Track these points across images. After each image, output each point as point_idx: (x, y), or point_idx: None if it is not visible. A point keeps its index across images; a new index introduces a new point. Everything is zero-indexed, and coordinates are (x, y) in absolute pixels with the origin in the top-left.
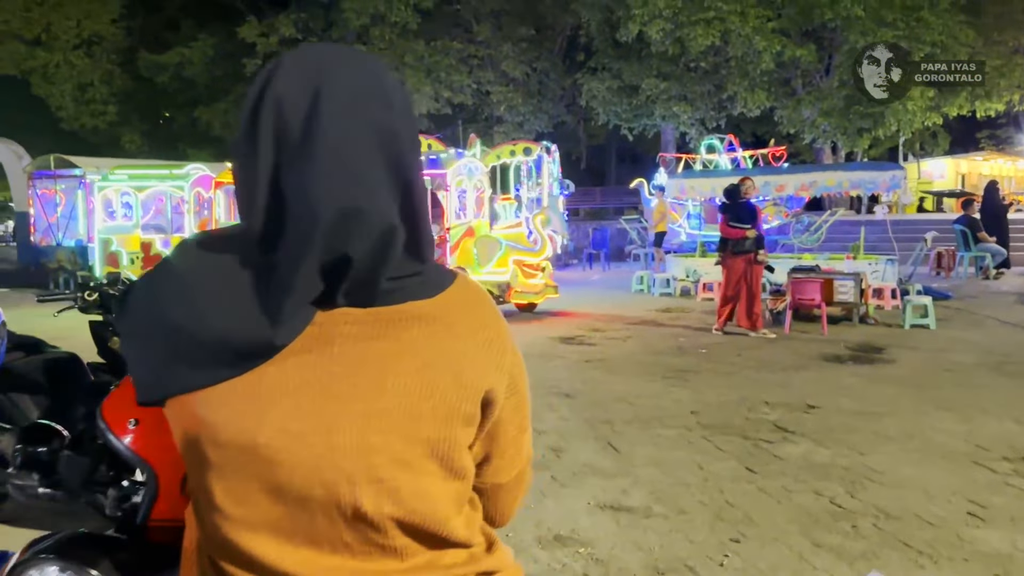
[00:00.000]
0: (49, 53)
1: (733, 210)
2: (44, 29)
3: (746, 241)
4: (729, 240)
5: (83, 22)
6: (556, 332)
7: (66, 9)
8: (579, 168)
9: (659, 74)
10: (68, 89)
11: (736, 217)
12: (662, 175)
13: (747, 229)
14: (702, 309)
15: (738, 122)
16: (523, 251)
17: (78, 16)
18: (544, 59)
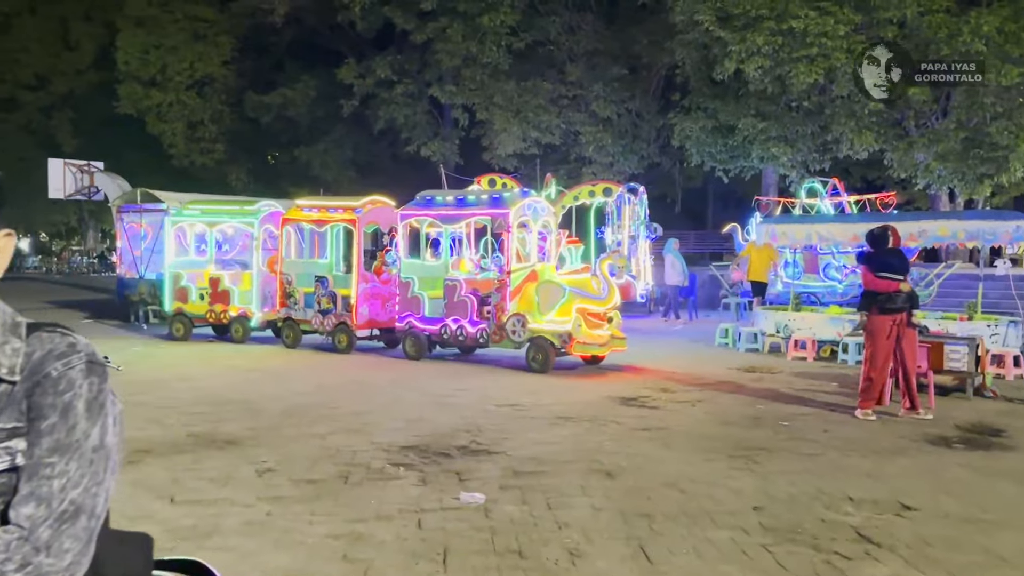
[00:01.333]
0: (163, 93)
1: (880, 258)
2: (160, 71)
3: (899, 296)
4: (877, 295)
5: (196, 64)
6: (617, 390)
7: (181, 52)
8: (674, 211)
9: (757, 113)
10: (180, 128)
11: (884, 266)
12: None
13: (900, 281)
14: (791, 370)
15: (846, 165)
16: (588, 299)
17: (191, 58)
18: (637, 99)
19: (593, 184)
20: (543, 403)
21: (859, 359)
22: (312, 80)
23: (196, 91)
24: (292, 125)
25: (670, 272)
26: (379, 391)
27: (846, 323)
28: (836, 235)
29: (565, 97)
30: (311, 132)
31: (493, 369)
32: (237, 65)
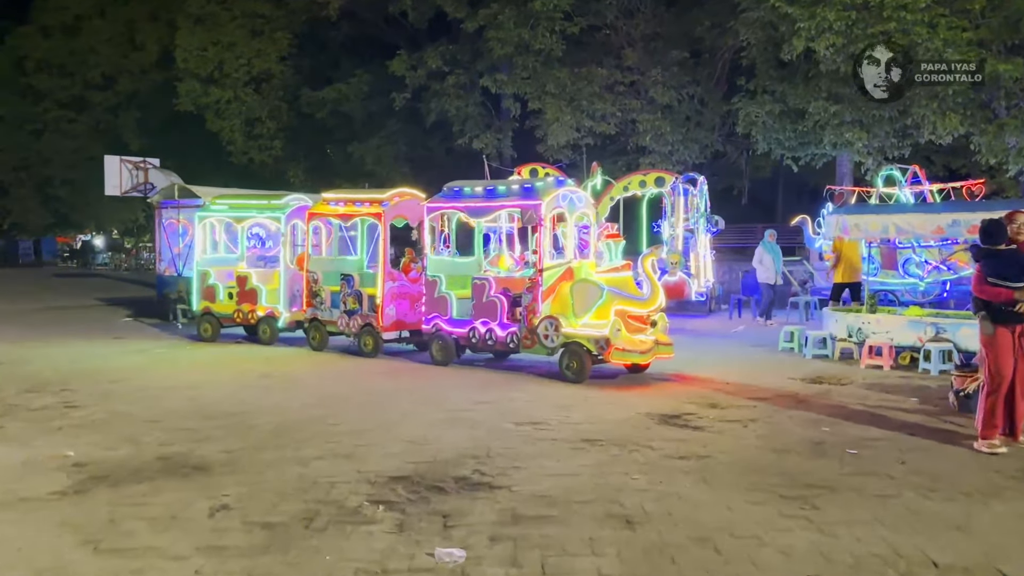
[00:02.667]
0: (221, 90)
1: (992, 259)
2: (217, 67)
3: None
4: (992, 305)
5: (253, 60)
6: (658, 406)
7: (238, 48)
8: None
9: (829, 96)
10: (238, 124)
11: (997, 270)
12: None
13: (1017, 289)
14: (864, 381)
15: (927, 152)
16: (629, 300)
17: (249, 55)
18: (699, 84)
19: (644, 173)
20: (570, 421)
21: (943, 368)
22: (366, 75)
23: (254, 88)
24: (347, 121)
25: (759, 268)
26: (391, 403)
27: (928, 327)
28: (916, 226)
29: (621, 84)
30: (365, 127)
31: (525, 377)
32: (295, 62)
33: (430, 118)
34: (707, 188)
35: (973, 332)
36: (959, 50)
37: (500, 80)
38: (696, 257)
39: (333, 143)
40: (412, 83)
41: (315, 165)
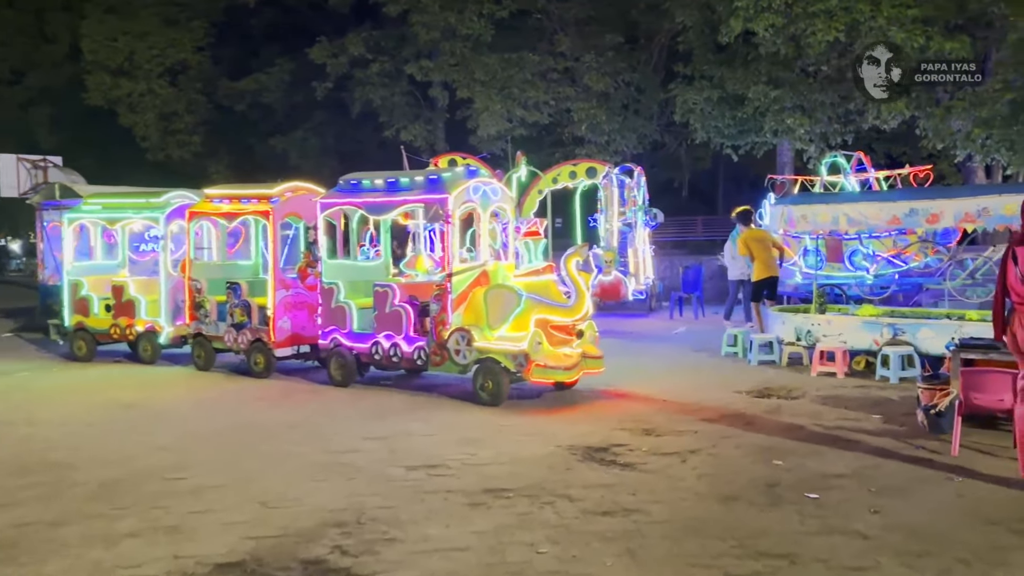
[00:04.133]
0: (133, 83)
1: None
2: (128, 58)
3: None
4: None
5: (167, 50)
6: (584, 435)
7: (151, 37)
8: (681, 195)
9: (769, 81)
10: (152, 119)
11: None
12: (772, 202)
13: None
14: (817, 393)
15: (869, 140)
16: (551, 307)
17: (162, 45)
18: (635, 71)
19: (574, 164)
20: (475, 461)
21: (903, 375)
22: (287, 64)
23: (169, 80)
24: (269, 112)
25: (730, 264)
26: (262, 443)
27: (884, 328)
28: (870, 217)
29: (554, 70)
30: (289, 119)
31: (434, 401)
32: (213, 51)
33: (356, 108)
34: (645, 179)
35: (935, 333)
36: (903, 28)
37: (426, 67)
38: (635, 253)
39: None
40: (334, 71)
41: (238, 160)
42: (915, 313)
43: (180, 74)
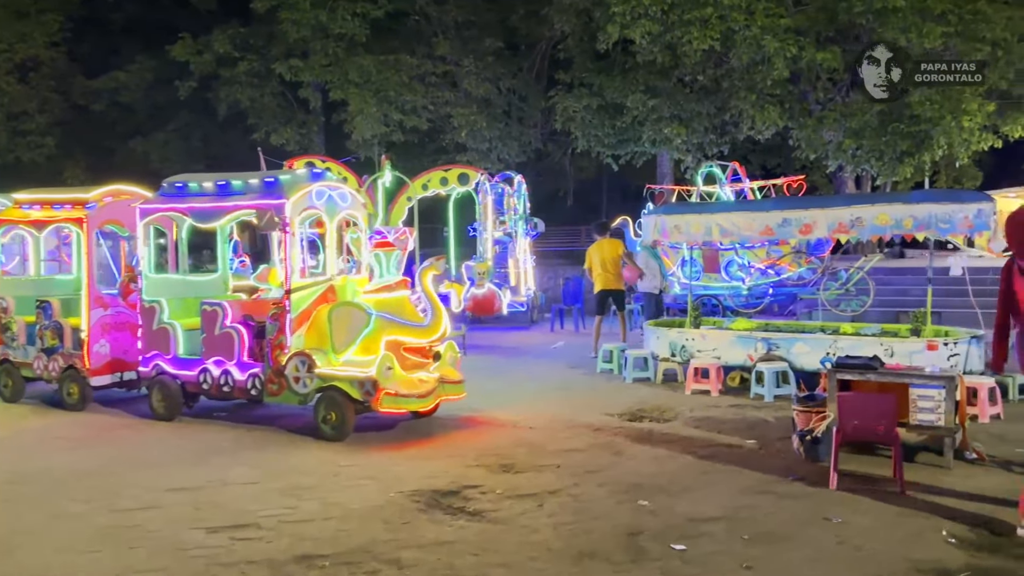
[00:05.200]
0: None
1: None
2: None
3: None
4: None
5: (16, 45)
6: (433, 475)
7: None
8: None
9: (647, 90)
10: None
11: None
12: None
13: None
14: (691, 414)
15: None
16: (404, 327)
17: (11, 38)
18: (516, 77)
19: (446, 169)
20: (296, 517)
21: (778, 392)
22: (149, 61)
23: (18, 77)
24: (130, 113)
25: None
26: (41, 500)
27: (758, 343)
28: (742, 227)
29: (433, 74)
30: (152, 120)
31: (270, 436)
32: (69, 47)
33: (223, 110)
34: (526, 188)
35: (809, 349)
36: (777, 37)
37: (295, 67)
38: (515, 263)
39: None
40: (199, 70)
41: (96, 163)
42: (789, 327)
43: (32, 71)
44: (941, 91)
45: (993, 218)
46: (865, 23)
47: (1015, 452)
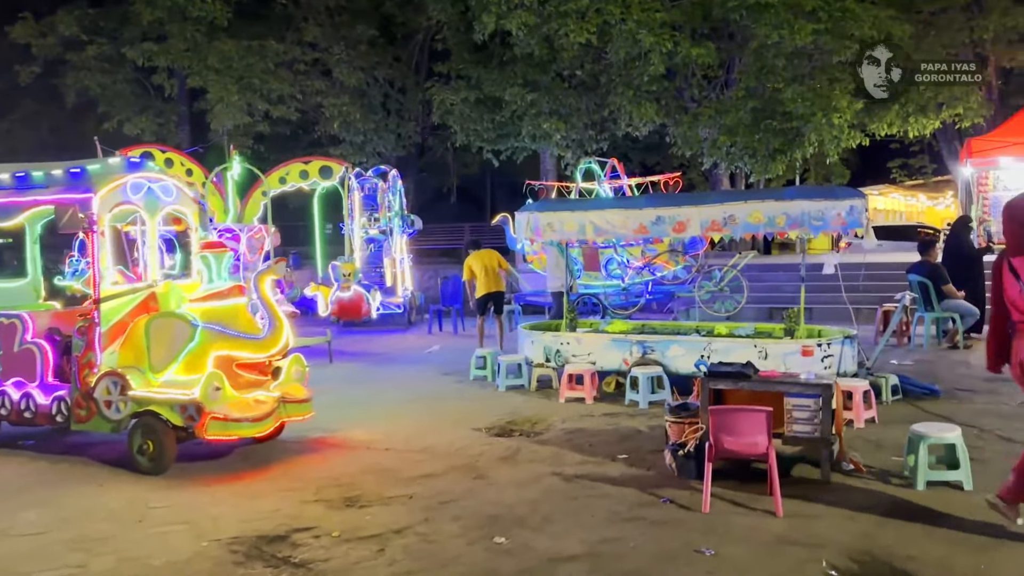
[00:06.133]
0: None
1: None
2: None
3: None
4: None
5: None
6: (260, 515)
7: None
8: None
9: (526, 83)
10: None
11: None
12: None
13: None
14: (563, 426)
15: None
16: (237, 340)
17: None
18: (391, 67)
19: (306, 162)
20: None
21: (653, 399)
22: None
23: None
24: None
25: (553, 273)
26: None
27: (633, 346)
28: (617, 225)
29: (302, 61)
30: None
31: (78, 471)
32: None
33: (71, 97)
34: (402, 183)
35: (684, 351)
36: (652, 32)
37: (149, 51)
38: (392, 263)
39: None
40: (41, 53)
41: None
42: (665, 328)
43: None
44: (812, 88)
45: (865, 215)
46: (739, 19)
47: (891, 460)
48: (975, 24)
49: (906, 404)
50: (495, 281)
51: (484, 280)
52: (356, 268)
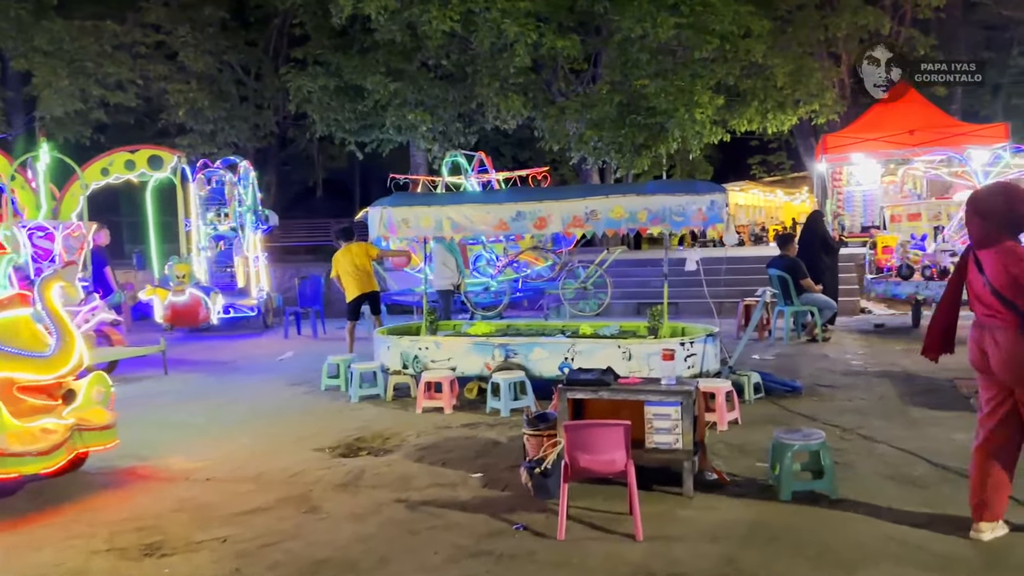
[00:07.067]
0: None
1: None
2: None
3: None
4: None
5: None
6: (29, 574)
7: None
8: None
9: (388, 72)
10: None
11: None
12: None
13: None
14: (417, 441)
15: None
16: (16, 358)
17: None
18: (243, 51)
19: (132, 151)
20: None
21: (515, 406)
22: None
23: None
24: None
25: (440, 271)
26: None
27: (496, 349)
28: (476, 221)
29: (143, 44)
30: None
31: None
32: None
33: None
34: (255, 175)
35: (548, 354)
36: (517, 22)
37: None
38: (244, 262)
39: None
40: None
41: None
42: (530, 329)
43: None
44: (675, 83)
45: (725, 210)
46: (603, 11)
47: (755, 467)
48: (829, 22)
49: (769, 403)
50: (368, 281)
51: (355, 281)
52: (191, 269)
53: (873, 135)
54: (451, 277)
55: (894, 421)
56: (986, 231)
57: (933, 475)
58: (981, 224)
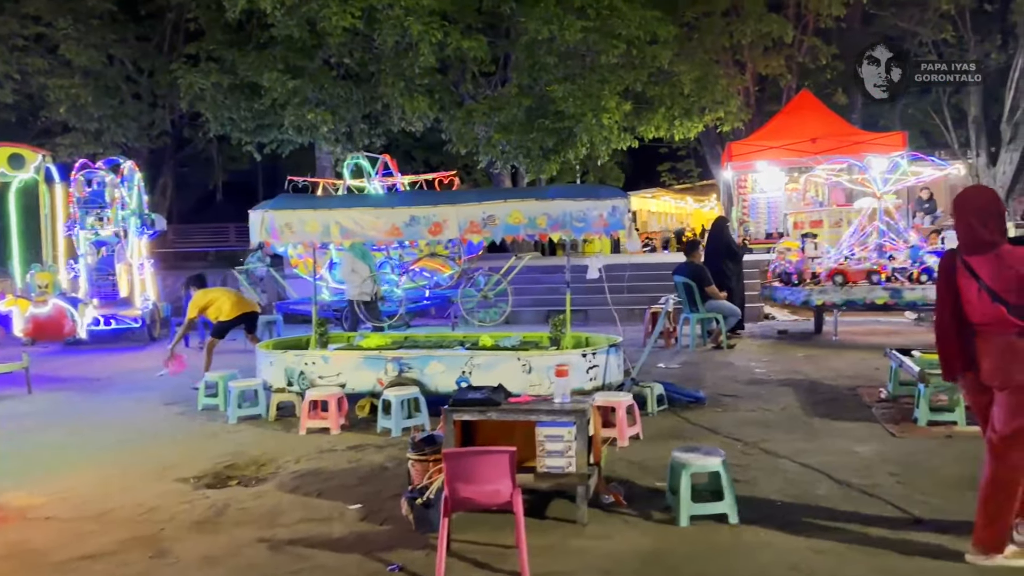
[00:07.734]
0: None
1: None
2: None
3: None
4: None
5: None
6: None
7: None
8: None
9: (287, 69)
10: None
11: None
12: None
13: None
14: (295, 468)
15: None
16: None
17: None
18: (132, 45)
19: None
20: None
21: (407, 424)
22: None
23: None
24: None
25: (350, 279)
26: None
27: (389, 363)
28: (367, 226)
29: (21, 36)
30: None
31: None
32: None
33: None
34: (140, 176)
35: (445, 367)
36: (421, 20)
37: None
38: (127, 269)
39: None
40: None
41: None
42: (427, 341)
43: None
44: (583, 88)
45: (627, 215)
46: (510, 12)
47: (657, 486)
48: (734, 29)
49: (672, 415)
50: (246, 302)
51: (235, 304)
52: (55, 278)
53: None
54: (362, 286)
55: (796, 433)
56: (979, 233)
57: (836, 493)
58: (973, 225)
